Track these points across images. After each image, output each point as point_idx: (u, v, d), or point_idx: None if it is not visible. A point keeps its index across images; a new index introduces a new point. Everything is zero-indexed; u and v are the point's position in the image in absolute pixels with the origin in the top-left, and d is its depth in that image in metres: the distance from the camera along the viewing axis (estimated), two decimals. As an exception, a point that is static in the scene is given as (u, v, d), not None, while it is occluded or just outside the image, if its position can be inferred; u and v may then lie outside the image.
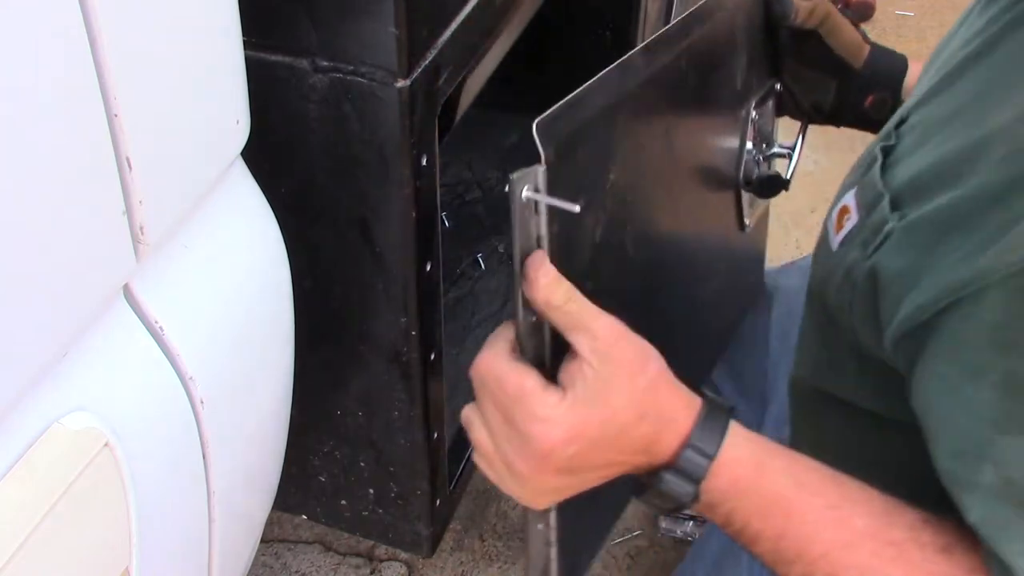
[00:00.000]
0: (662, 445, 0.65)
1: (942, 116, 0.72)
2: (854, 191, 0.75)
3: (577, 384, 0.61)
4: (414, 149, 0.66)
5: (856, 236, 0.73)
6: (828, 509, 0.64)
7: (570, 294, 0.61)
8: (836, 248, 0.76)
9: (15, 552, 0.46)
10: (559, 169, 0.62)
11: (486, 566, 1.53)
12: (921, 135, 0.72)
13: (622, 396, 0.62)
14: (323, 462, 0.90)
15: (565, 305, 0.61)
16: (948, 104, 0.72)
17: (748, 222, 1.13)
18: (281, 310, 0.67)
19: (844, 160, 2.28)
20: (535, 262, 0.62)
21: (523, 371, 0.62)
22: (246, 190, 0.63)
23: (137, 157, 0.49)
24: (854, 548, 0.63)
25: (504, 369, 0.62)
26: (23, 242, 0.44)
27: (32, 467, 0.47)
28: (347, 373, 0.82)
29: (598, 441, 0.62)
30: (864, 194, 0.74)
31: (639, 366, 0.63)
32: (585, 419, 0.62)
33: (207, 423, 0.59)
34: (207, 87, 0.55)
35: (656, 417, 0.64)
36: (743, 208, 1.10)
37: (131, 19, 0.47)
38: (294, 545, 1.54)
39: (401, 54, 0.61)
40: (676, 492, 0.65)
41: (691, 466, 0.64)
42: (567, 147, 0.65)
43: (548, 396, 0.61)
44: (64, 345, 0.49)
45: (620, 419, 0.62)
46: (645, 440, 0.64)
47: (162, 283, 0.56)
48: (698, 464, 0.64)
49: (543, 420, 0.61)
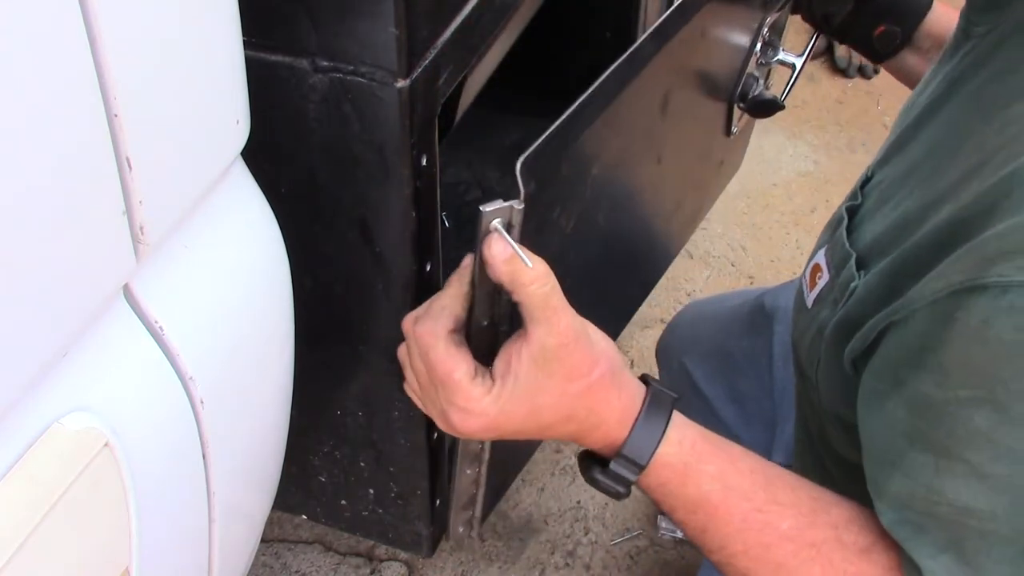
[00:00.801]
0: (589, 442, 0.68)
1: (899, 176, 0.75)
2: (824, 250, 0.79)
3: (508, 380, 0.63)
4: (414, 149, 0.66)
5: (827, 295, 0.76)
6: (753, 512, 0.67)
7: (538, 277, 0.61)
8: (811, 306, 0.79)
9: (15, 552, 0.46)
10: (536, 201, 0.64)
11: (486, 566, 1.53)
12: (881, 195, 0.76)
13: (550, 397, 0.64)
14: (323, 462, 0.90)
15: (532, 287, 0.61)
16: (904, 164, 0.76)
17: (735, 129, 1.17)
18: (281, 310, 0.67)
19: (844, 160, 2.28)
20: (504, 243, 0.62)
21: (455, 360, 0.63)
22: (246, 190, 0.63)
23: (137, 157, 0.49)
24: (774, 549, 0.67)
25: (439, 352, 0.63)
26: (23, 242, 0.44)
27: (32, 467, 0.47)
28: (347, 373, 0.82)
29: (517, 431, 0.65)
30: (833, 254, 0.77)
31: (581, 371, 0.64)
32: (506, 413, 0.64)
33: (207, 423, 0.59)
34: (207, 87, 0.55)
35: (583, 419, 0.66)
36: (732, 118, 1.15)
37: (131, 19, 0.47)
38: (294, 545, 1.54)
39: (401, 54, 0.61)
40: (608, 489, 0.69)
41: (622, 474, 0.68)
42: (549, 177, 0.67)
43: (473, 389, 0.63)
44: (64, 345, 0.49)
45: (542, 418, 0.65)
46: (570, 436, 0.67)
47: (162, 283, 0.56)
48: (629, 471, 0.68)
49: (462, 410, 0.63)
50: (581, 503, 1.61)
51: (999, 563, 0.60)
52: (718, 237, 2.11)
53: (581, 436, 0.68)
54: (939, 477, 0.61)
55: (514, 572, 1.52)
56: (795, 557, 0.66)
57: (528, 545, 1.55)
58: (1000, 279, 0.56)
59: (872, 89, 2.53)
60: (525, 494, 1.62)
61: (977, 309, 0.57)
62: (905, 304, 0.64)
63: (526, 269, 0.61)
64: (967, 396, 0.59)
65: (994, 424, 0.57)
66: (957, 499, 0.60)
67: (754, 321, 1.20)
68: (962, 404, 0.59)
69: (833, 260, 0.77)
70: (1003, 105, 0.65)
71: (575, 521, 1.59)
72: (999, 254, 0.56)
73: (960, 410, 0.59)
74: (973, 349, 0.58)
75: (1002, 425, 0.57)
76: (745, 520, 0.67)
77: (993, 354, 0.57)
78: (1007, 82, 0.67)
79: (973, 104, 0.71)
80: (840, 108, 2.45)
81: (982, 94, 0.70)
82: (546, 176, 0.68)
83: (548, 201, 0.72)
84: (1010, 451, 0.57)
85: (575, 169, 0.74)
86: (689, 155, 1.13)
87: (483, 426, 0.64)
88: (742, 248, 2.09)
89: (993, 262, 0.56)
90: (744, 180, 2.26)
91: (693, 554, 1.55)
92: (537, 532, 1.57)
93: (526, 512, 1.60)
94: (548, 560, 1.54)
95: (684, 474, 0.68)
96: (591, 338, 0.65)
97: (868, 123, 2.38)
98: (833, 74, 2.56)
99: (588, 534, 1.57)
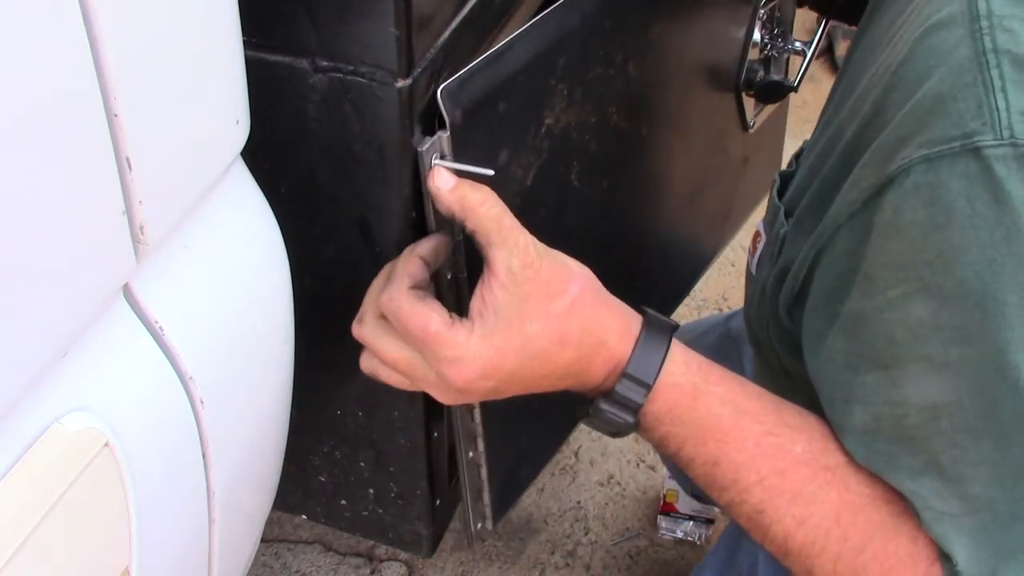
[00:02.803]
0: (594, 370, 0.64)
1: (816, 136, 0.77)
2: (763, 218, 0.81)
3: (487, 315, 0.60)
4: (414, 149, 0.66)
5: (765, 253, 0.77)
6: (766, 435, 0.64)
7: (488, 198, 0.60)
8: (754, 271, 0.79)
9: (15, 552, 0.46)
10: (468, 132, 0.63)
11: (486, 566, 1.53)
12: (805, 155, 0.78)
13: (536, 322, 0.61)
14: (323, 462, 0.90)
15: (483, 208, 0.60)
16: (821, 123, 0.78)
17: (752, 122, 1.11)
18: (281, 310, 0.67)
19: (844, 160, 2.29)
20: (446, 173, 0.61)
21: (426, 311, 0.60)
22: (246, 190, 0.63)
23: (137, 157, 0.49)
24: (789, 474, 0.64)
25: (406, 310, 0.60)
26: (23, 242, 0.44)
27: (32, 467, 0.47)
28: (347, 373, 0.82)
29: (516, 371, 0.61)
30: (768, 216, 0.79)
31: (558, 287, 0.61)
32: (499, 350, 0.60)
33: (207, 423, 0.59)
34: (207, 87, 0.55)
35: (580, 342, 0.62)
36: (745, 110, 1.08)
37: (131, 19, 0.47)
38: (294, 545, 1.54)
39: (401, 54, 0.61)
40: (614, 421, 0.64)
41: (628, 396, 0.63)
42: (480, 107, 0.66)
43: (455, 335, 0.60)
44: (64, 345, 0.49)
45: (536, 346, 0.61)
46: (571, 366, 0.63)
47: (162, 283, 0.56)
48: (636, 393, 0.63)
49: (453, 361, 0.60)
50: (581, 503, 1.61)
51: (978, 465, 0.58)
52: (718, 237, 2.11)
53: (584, 365, 0.63)
54: (896, 387, 0.60)
55: (514, 572, 1.52)
56: (811, 482, 0.63)
57: (528, 545, 1.55)
58: (901, 163, 0.56)
59: (872, 89, 2.53)
60: (525, 494, 1.62)
61: (887, 203, 0.57)
62: (826, 226, 0.64)
63: (473, 192, 0.60)
64: (898, 294, 0.58)
65: (933, 310, 0.56)
66: (922, 400, 0.59)
67: (721, 346, 1.17)
68: (895, 304, 0.58)
69: (768, 220, 0.78)
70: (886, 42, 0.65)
71: (575, 521, 1.59)
72: (897, 141, 0.57)
73: (895, 311, 0.58)
74: (891, 244, 0.58)
75: (941, 308, 0.56)
76: (758, 445, 0.64)
77: (910, 240, 0.56)
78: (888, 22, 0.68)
79: (867, 47, 0.72)
80: (840, 108, 2.45)
81: (873, 36, 0.71)
82: (475, 108, 0.66)
83: (487, 140, 0.70)
84: (957, 330, 0.56)
85: (516, 111, 0.72)
86: (698, 144, 1.09)
87: (481, 371, 0.60)
88: (742, 248, 2.09)
89: (893, 153, 0.57)
90: (744, 180, 2.26)
91: (693, 554, 1.55)
92: (537, 532, 1.57)
93: (526, 512, 1.60)
94: (548, 560, 1.54)
95: (694, 396, 0.64)
96: (557, 256, 0.63)
97: (868, 123, 2.38)
98: (833, 74, 2.56)
99: (588, 534, 1.57)
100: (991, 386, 0.56)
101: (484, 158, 0.68)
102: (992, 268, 0.54)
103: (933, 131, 0.55)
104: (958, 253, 0.55)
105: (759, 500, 0.64)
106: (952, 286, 0.55)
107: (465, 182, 0.61)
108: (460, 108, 0.65)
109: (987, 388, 0.56)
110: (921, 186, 0.55)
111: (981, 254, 0.54)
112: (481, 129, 0.69)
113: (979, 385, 0.57)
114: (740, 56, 1.05)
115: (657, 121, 0.96)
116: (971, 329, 0.56)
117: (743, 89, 1.07)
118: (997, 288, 0.54)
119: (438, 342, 0.60)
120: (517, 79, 0.71)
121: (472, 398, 0.64)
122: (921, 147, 0.55)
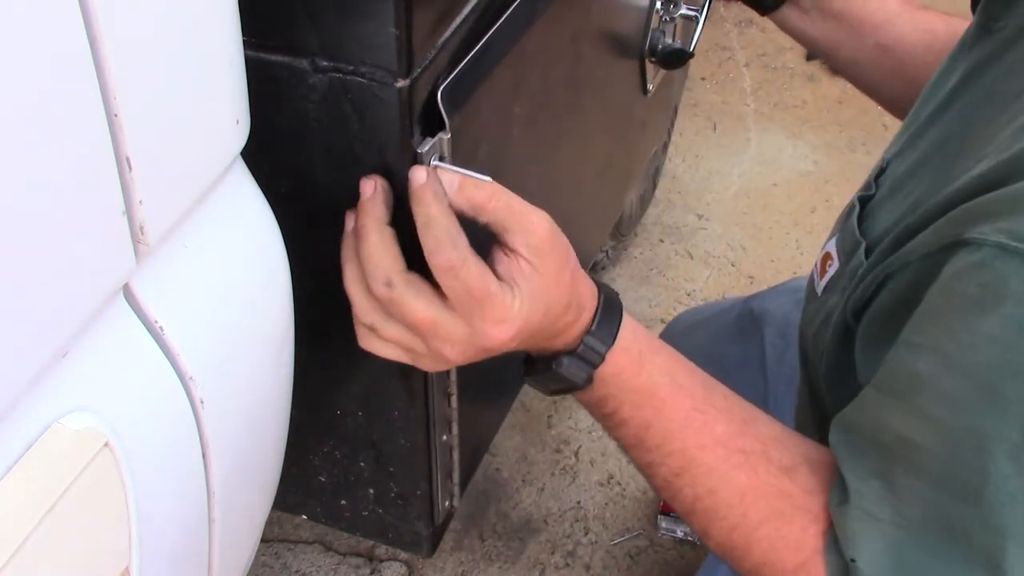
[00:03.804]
0: (573, 331, 0.70)
1: (911, 166, 0.77)
2: (836, 239, 0.81)
3: (520, 282, 0.64)
4: (414, 149, 0.66)
5: (836, 283, 0.78)
6: (694, 411, 0.71)
7: (493, 192, 0.63)
8: (820, 293, 0.81)
9: (15, 552, 0.46)
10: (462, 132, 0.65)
11: (486, 566, 1.53)
12: (893, 185, 0.78)
13: (555, 289, 0.66)
14: (323, 462, 0.90)
15: (491, 203, 0.63)
16: (917, 154, 0.78)
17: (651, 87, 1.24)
18: (281, 310, 0.67)
19: (844, 160, 2.28)
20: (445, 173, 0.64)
21: (487, 272, 0.63)
22: (246, 190, 0.63)
23: (137, 157, 0.49)
24: (708, 450, 0.70)
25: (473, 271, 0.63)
26: (23, 242, 0.44)
27: (32, 467, 0.47)
28: (347, 373, 0.82)
29: (535, 332, 0.67)
30: (844, 242, 0.79)
31: (563, 257, 0.67)
32: (530, 314, 0.65)
33: (207, 423, 0.59)
34: (207, 87, 0.55)
35: (577, 305, 0.69)
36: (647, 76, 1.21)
37: (131, 19, 0.47)
38: (294, 545, 1.54)
39: (401, 54, 0.61)
40: (572, 376, 0.70)
41: (591, 353, 0.69)
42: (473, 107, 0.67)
43: (506, 297, 0.64)
44: (64, 345, 0.49)
45: (552, 311, 0.67)
46: (564, 327, 0.69)
47: (162, 283, 0.56)
48: (597, 351, 0.69)
49: (499, 321, 0.64)
50: (581, 503, 1.61)
51: (922, 500, 0.62)
52: (718, 237, 2.11)
53: (570, 325, 0.69)
54: (884, 410, 0.64)
55: (514, 572, 1.52)
56: (725, 462, 0.69)
57: (528, 545, 1.55)
58: (978, 236, 0.58)
59: (872, 89, 2.53)
60: (525, 494, 1.62)
61: (954, 262, 0.60)
62: (900, 256, 0.67)
63: (477, 191, 0.63)
64: (916, 341, 0.62)
65: (939, 373, 0.60)
66: (902, 431, 0.63)
67: (742, 327, 1.21)
68: (910, 348, 0.62)
69: (843, 248, 0.79)
70: (1015, 96, 0.67)
71: (575, 521, 1.59)
72: (984, 214, 0.59)
73: (907, 353, 0.62)
74: (938, 299, 0.61)
75: (947, 375, 0.59)
76: (687, 418, 0.70)
77: (952, 306, 0.59)
78: (1020, 73, 0.69)
79: (986, 96, 0.73)
80: (840, 108, 2.45)
81: (995, 87, 0.72)
82: (468, 108, 0.69)
83: (474, 137, 0.72)
84: (954, 400, 0.59)
85: (495, 104, 0.75)
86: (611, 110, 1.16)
87: (516, 332, 0.65)
88: (742, 248, 2.09)
89: (977, 221, 0.59)
90: (744, 180, 2.26)
91: (693, 554, 1.55)
92: (537, 532, 1.57)
93: (526, 512, 1.60)
94: (548, 560, 1.54)
95: (639, 363, 0.70)
96: (555, 225, 0.67)
97: (868, 123, 2.38)
98: (833, 74, 2.56)
99: (588, 534, 1.57)
100: (963, 456, 0.59)
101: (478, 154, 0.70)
102: (1011, 369, 0.56)
103: (1020, 223, 0.56)
104: (986, 341, 0.57)
105: (679, 466, 0.70)
106: (967, 364, 0.58)
107: (469, 181, 0.63)
108: (458, 111, 0.65)
109: (959, 455, 0.60)
110: (985, 266, 0.57)
111: (1007, 353, 0.56)
112: (472, 130, 0.70)
113: (953, 449, 0.60)
114: (645, 24, 1.14)
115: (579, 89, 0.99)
116: (967, 405, 0.59)
117: (647, 56, 1.17)
118: (1007, 388, 0.57)
119: (492, 303, 0.63)
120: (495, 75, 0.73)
121: (480, 357, 0.67)
122: (1001, 233, 0.57)
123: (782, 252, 2.08)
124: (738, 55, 2.63)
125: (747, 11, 1.08)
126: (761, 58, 2.62)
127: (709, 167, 2.29)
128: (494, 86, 0.72)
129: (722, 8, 2.54)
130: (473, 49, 0.71)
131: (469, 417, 0.90)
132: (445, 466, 0.89)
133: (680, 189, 2.23)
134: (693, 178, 2.26)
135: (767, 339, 1.16)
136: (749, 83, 2.56)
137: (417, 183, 0.62)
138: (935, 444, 0.61)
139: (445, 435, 0.85)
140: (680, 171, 2.27)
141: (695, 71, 2.48)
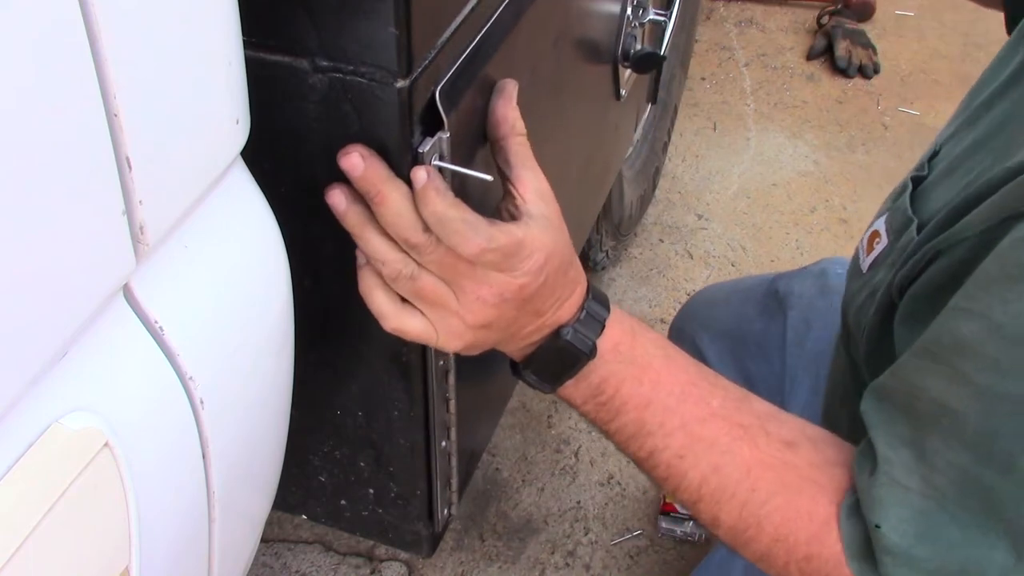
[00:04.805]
0: (570, 303, 0.71)
1: (968, 148, 0.77)
2: (885, 217, 0.81)
3: (535, 214, 0.66)
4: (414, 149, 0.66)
5: (885, 259, 0.78)
6: (690, 384, 0.71)
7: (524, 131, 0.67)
8: (866, 270, 0.81)
9: (15, 552, 0.46)
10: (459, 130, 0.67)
11: (486, 566, 1.53)
12: (949, 166, 0.78)
13: (562, 235, 0.68)
14: (323, 462, 0.90)
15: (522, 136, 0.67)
16: (974, 137, 0.77)
17: (623, 91, 1.26)
18: (281, 310, 0.67)
19: (844, 160, 2.28)
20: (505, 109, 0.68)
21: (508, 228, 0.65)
22: (246, 190, 0.63)
23: (137, 157, 0.49)
24: (708, 423, 0.70)
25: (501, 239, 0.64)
26: (23, 242, 0.44)
27: (32, 467, 0.47)
28: (347, 373, 0.82)
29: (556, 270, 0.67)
30: (894, 220, 0.79)
31: (562, 221, 0.69)
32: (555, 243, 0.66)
33: (207, 423, 0.59)
34: (207, 87, 0.55)
35: (576, 269, 0.70)
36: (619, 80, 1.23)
37: (131, 19, 0.47)
38: (294, 545, 1.54)
39: (401, 54, 0.61)
40: (579, 343, 0.70)
41: (593, 320, 0.71)
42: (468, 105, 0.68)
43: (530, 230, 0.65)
44: (64, 345, 0.49)
45: (565, 254, 0.68)
46: (567, 290, 0.70)
47: (162, 283, 0.56)
48: (599, 316, 0.71)
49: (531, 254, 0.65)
50: (581, 503, 1.61)
51: (952, 466, 0.62)
52: (718, 237, 2.11)
53: (571, 293, 0.70)
54: (921, 375, 0.64)
55: (514, 572, 1.52)
56: (727, 435, 0.69)
57: (528, 545, 1.55)
58: None
59: (872, 89, 2.53)
60: (525, 494, 1.62)
61: (1012, 234, 0.59)
62: (954, 233, 0.66)
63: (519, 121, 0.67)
64: (964, 306, 0.61)
65: (983, 337, 0.59)
66: (937, 396, 0.62)
67: (767, 305, 1.21)
68: (957, 313, 0.62)
69: (893, 225, 0.79)
70: None
71: (575, 521, 1.59)
72: None
73: (953, 319, 0.62)
74: (992, 267, 0.60)
75: (991, 339, 0.59)
76: (684, 391, 0.70)
77: (1006, 274, 0.59)
78: None
79: None
80: (840, 108, 2.45)
81: None
82: (464, 107, 0.69)
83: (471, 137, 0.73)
84: (995, 362, 0.59)
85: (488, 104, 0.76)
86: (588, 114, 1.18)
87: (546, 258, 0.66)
88: (742, 248, 2.09)
89: None
90: (744, 180, 2.26)
91: (693, 554, 1.55)
92: (537, 532, 1.57)
93: (526, 512, 1.60)
94: (548, 560, 1.54)
95: (632, 335, 0.72)
96: None
97: (868, 123, 2.38)
98: (833, 74, 2.56)
99: (588, 534, 1.57)
100: (999, 418, 0.59)
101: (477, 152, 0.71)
102: None
103: None
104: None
105: (681, 445, 0.70)
106: (1013, 329, 0.58)
107: (515, 107, 0.66)
108: (455, 110, 0.66)
109: (995, 418, 0.60)
110: None
111: None
112: (471, 129, 0.71)
113: (989, 412, 0.60)
114: (617, 29, 1.15)
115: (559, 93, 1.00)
116: (1010, 372, 0.59)
117: (620, 60, 1.18)
118: None
119: (522, 245, 0.65)
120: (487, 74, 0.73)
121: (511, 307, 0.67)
122: None
123: (782, 252, 2.08)
124: (738, 55, 2.63)
125: (747, 11, 1.08)
126: (761, 58, 2.62)
127: (709, 167, 2.29)
128: (488, 86, 0.72)
129: (722, 8, 2.54)
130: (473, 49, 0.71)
131: (466, 423, 0.91)
132: (444, 472, 0.89)
133: (680, 189, 2.23)
134: (693, 178, 2.26)
135: (790, 321, 1.17)
136: (749, 83, 2.56)
137: (419, 183, 0.62)
138: (973, 410, 0.60)
139: (444, 441, 0.85)
140: (680, 171, 2.28)
141: (695, 71, 2.48)
